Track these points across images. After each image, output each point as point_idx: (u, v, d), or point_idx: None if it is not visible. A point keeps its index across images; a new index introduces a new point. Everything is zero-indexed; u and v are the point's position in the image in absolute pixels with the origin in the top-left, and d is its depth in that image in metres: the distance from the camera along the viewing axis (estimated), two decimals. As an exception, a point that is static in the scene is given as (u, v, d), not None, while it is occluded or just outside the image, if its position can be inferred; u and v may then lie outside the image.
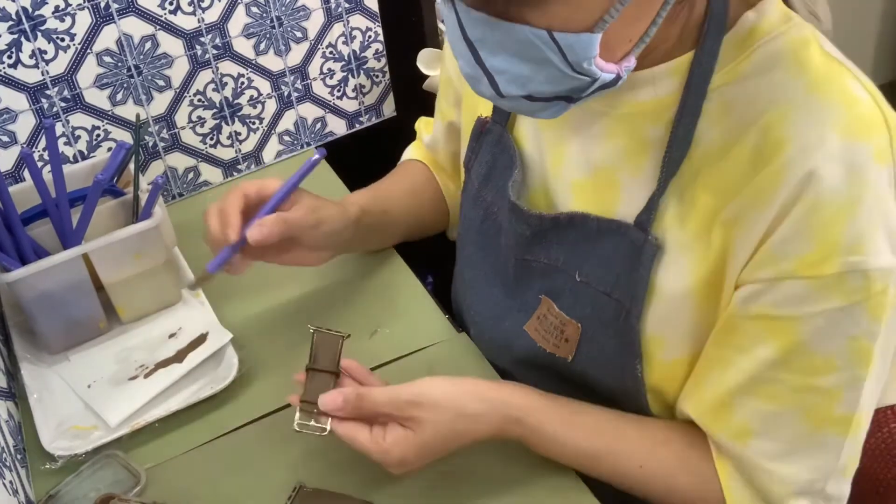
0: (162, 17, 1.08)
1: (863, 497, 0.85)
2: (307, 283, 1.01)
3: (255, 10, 1.14)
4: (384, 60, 1.27)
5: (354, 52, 1.24)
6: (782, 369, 0.67)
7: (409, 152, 1.07)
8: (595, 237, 0.74)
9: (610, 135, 0.73)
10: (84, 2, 1.02)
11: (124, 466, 0.83)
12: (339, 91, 1.26)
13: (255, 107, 1.21)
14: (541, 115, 0.66)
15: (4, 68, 1.01)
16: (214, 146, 1.21)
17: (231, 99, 1.18)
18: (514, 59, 0.60)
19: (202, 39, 1.12)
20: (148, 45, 1.09)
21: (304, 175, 0.85)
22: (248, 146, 1.23)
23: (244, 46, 1.15)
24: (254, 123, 1.22)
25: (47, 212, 0.94)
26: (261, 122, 1.23)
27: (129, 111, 1.11)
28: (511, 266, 0.83)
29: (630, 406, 0.78)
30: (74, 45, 1.04)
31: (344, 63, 1.25)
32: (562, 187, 0.78)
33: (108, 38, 1.06)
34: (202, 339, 0.94)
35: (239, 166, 1.24)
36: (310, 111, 1.26)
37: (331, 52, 1.22)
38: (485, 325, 0.89)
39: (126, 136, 1.12)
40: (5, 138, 1.06)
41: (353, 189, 1.15)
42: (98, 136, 1.11)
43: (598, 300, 0.75)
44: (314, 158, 0.85)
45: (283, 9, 1.16)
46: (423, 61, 1.26)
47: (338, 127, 1.30)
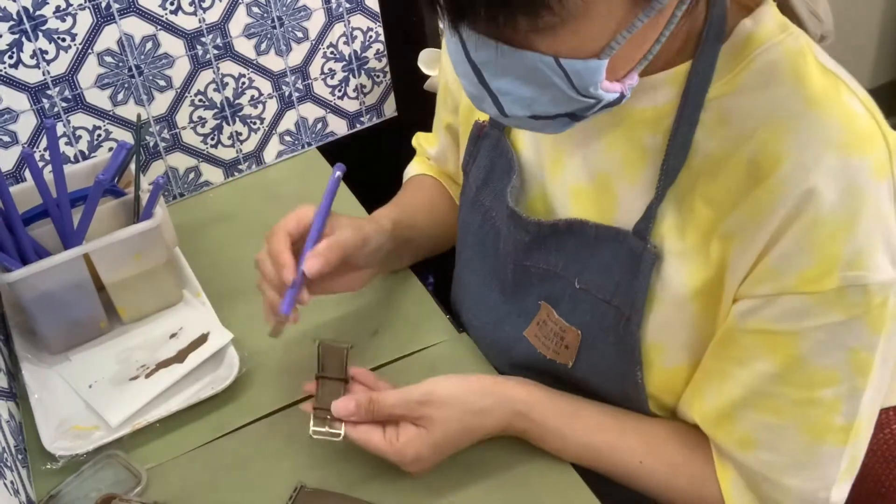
0: (163, 17, 1.08)
1: (865, 497, 0.85)
2: (308, 284, 1.01)
3: (255, 10, 1.14)
4: (385, 60, 1.27)
5: (355, 52, 1.24)
6: (783, 383, 0.67)
7: (414, 168, 1.05)
8: (594, 244, 0.74)
9: (608, 142, 0.73)
10: (85, 2, 1.02)
11: (125, 466, 0.83)
12: (339, 91, 1.26)
13: (255, 107, 1.21)
14: (544, 131, 0.66)
15: (5, 68, 1.02)
16: (215, 146, 1.21)
17: (232, 99, 1.18)
18: (520, 81, 0.60)
19: (203, 39, 1.12)
20: (149, 45, 1.09)
21: (334, 194, 0.83)
22: (248, 146, 1.23)
23: (245, 46, 1.15)
24: (255, 123, 1.22)
25: (48, 212, 0.94)
26: (262, 123, 1.23)
27: (130, 111, 1.11)
28: (510, 271, 0.83)
29: (631, 410, 0.78)
30: (75, 45, 1.04)
31: (345, 63, 1.24)
32: (560, 193, 0.78)
33: (109, 38, 1.06)
34: (203, 340, 0.94)
35: (240, 166, 1.24)
36: (311, 111, 1.26)
37: (332, 52, 1.22)
38: (484, 329, 0.88)
39: (127, 137, 1.12)
40: (6, 138, 1.06)
41: (354, 189, 1.15)
42: (99, 136, 1.11)
43: (597, 307, 0.75)
44: (336, 176, 0.84)
45: (284, 9, 1.16)
46: (424, 61, 1.26)
47: (339, 127, 1.29)
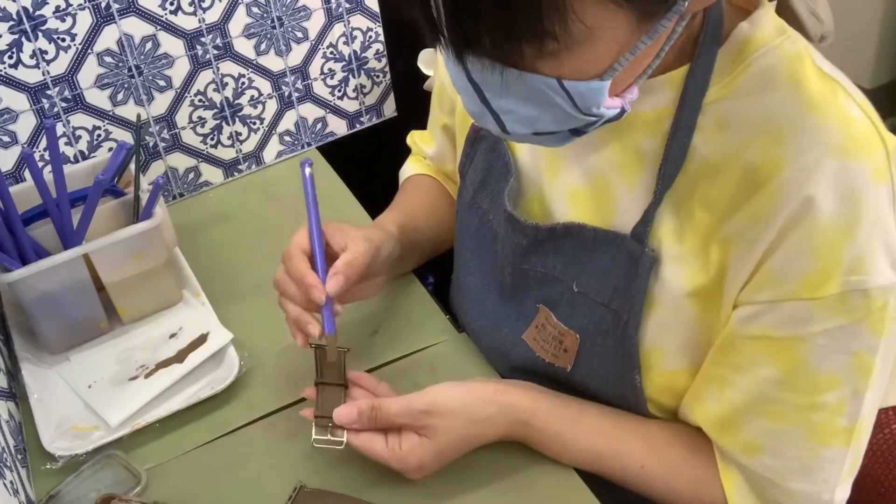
0: (163, 17, 1.08)
1: (865, 497, 0.85)
2: (308, 284, 1.01)
3: (255, 10, 1.14)
4: (385, 60, 1.27)
5: (355, 52, 1.24)
6: (786, 389, 0.67)
7: (411, 168, 1.05)
8: (592, 248, 0.74)
9: (606, 145, 0.73)
10: (85, 2, 1.02)
11: (125, 466, 0.83)
12: (339, 91, 1.26)
13: (255, 107, 1.21)
14: (545, 144, 0.66)
15: (5, 68, 1.01)
16: (215, 146, 1.21)
17: (232, 99, 1.18)
18: (522, 102, 0.59)
19: (203, 40, 1.12)
20: (149, 45, 1.09)
21: (314, 194, 0.82)
22: (248, 146, 1.23)
23: (245, 46, 1.15)
24: (254, 123, 1.22)
25: (48, 212, 0.94)
26: (261, 123, 1.23)
27: (129, 111, 1.11)
28: (508, 274, 0.83)
29: (631, 413, 0.78)
30: (75, 45, 1.04)
31: (345, 63, 1.24)
32: (558, 195, 0.78)
33: (108, 38, 1.06)
34: (203, 340, 0.94)
35: (240, 166, 1.24)
36: (310, 111, 1.26)
37: (331, 53, 1.22)
38: (482, 332, 0.88)
39: (127, 137, 1.12)
40: (6, 138, 1.06)
41: (354, 189, 1.15)
42: (99, 136, 1.11)
43: (595, 311, 0.75)
44: (308, 173, 0.83)
45: (284, 9, 1.15)
46: (424, 61, 1.26)
47: (338, 127, 1.29)
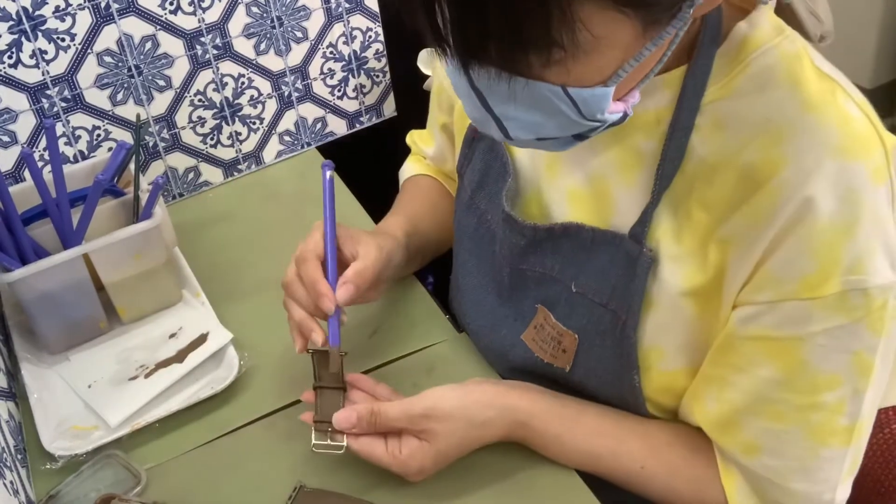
0: (162, 17, 1.08)
1: (865, 497, 0.85)
2: (308, 284, 1.01)
3: (255, 10, 1.14)
4: (384, 60, 1.27)
5: (355, 52, 1.24)
6: (786, 389, 0.67)
7: (411, 168, 1.04)
8: (590, 248, 0.74)
9: (604, 145, 0.73)
10: (84, 2, 1.02)
11: (125, 466, 0.83)
12: (339, 91, 1.26)
13: (255, 107, 1.21)
14: (547, 149, 0.66)
15: (5, 68, 1.01)
16: (215, 146, 1.21)
17: (231, 99, 1.18)
18: (526, 108, 0.59)
19: (202, 39, 1.12)
20: (148, 45, 1.09)
21: (333, 197, 0.83)
22: (248, 146, 1.23)
23: (244, 46, 1.15)
24: (254, 123, 1.22)
25: (48, 212, 0.94)
26: (261, 122, 1.23)
27: (129, 111, 1.11)
28: (506, 274, 0.83)
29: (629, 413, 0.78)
30: (75, 45, 1.04)
31: (344, 63, 1.24)
32: (557, 196, 0.78)
33: (108, 38, 1.06)
34: (202, 340, 0.94)
35: (239, 166, 1.24)
36: (310, 111, 1.26)
37: (331, 52, 1.22)
38: (481, 332, 0.88)
39: (126, 136, 1.12)
40: (6, 138, 1.06)
41: (354, 189, 1.15)
42: (98, 136, 1.11)
43: (594, 311, 0.75)
44: (329, 176, 0.83)
45: (284, 9, 1.15)
46: (423, 61, 1.26)
47: (338, 127, 1.29)
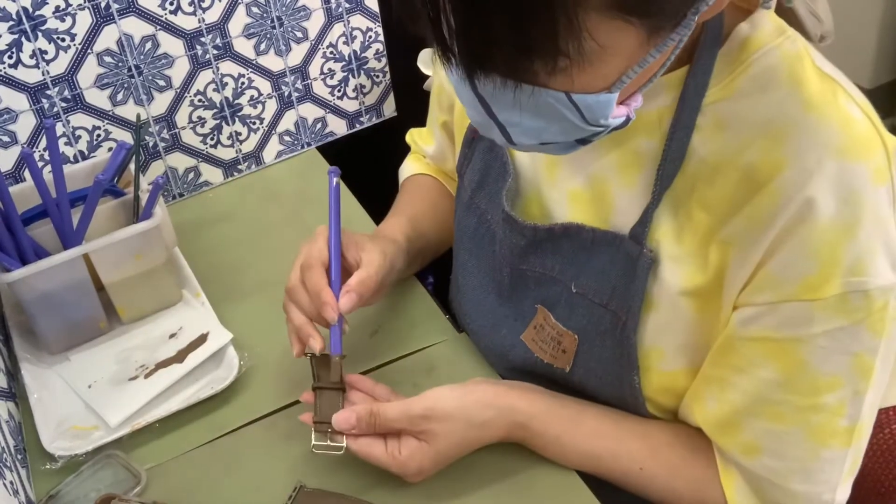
0: (162, 17, 1.08)
1: (864, 497, 0.85)
2: (308, 284, 1.01)
3: (255, 10, 1.14)
4: (385, 60, 1.27)
5: (355, 52, 1.24)
6: (786, 390, 0.67)
7: (411, 167, 1.04)
8: (590, 248, 0.74)
9: (605, 146, 0.73)
10: (84, 2, 1.02)
11: (125, 466, 0.83)
12: (339, 91, 1.26)
13: (255, 107, 1.21)
14: (550, 153, 0.66)
15: (5, 68, 1.01)
16: (215, 146, 1.21)
17: (231, 99, 1.18)
18: (529, 114, 0.59)
19: (203, 39, 1.12)
20: (148, 45, 1.09)
21: (339, 204, 0.83)
22: (248, 146, 1.23)
23: (244, 46, 1.15)
24: (254, 123, 1.22)
25: (48, 212, 0.94)
26: (261, 123, 1.23)
27: (129, 111, 1.11)
28: (506, 275, 0.83)
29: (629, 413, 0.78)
30: (75, 45, 1.04)
31: (344, 63, 1.24)
32: (557, 196, 0.78)
33: (108, 38, 1.06)
34: (202, 340, 0.94)
35: (239, 166, 1.24)
36: (310, 111, 1.26)
37: (331, 53, 1.22)
38: (481, 332, 0.88)
39: (126, 137, 1.12)
40: (6, 138, 1.06)
41: (353, 189, 1.15)
42: (98, 136, 1.11)
43: (594, 311, 0.75)
44: (335, 183, 0.83)
45: (284, 9, 1.15)
46: (424, 61, 1.27)
47: (338, 127, 1.29)
